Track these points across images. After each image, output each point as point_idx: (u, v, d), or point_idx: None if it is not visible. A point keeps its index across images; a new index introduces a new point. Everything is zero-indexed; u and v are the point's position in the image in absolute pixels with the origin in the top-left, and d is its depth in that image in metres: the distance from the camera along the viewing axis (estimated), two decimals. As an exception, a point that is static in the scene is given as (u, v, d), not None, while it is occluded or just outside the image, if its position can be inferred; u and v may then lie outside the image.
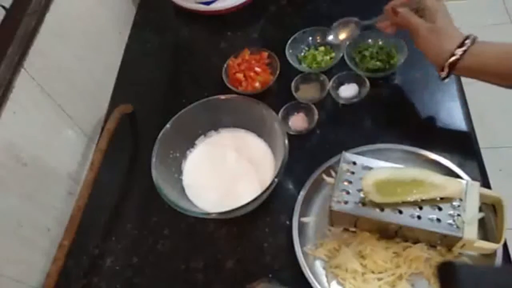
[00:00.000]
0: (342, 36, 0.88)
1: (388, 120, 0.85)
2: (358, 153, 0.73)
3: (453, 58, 0.71)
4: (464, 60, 0.70)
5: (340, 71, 0.89)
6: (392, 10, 0.79)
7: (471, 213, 0.65)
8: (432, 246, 0.69)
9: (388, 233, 0.69)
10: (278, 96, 0.91)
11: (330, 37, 0.89)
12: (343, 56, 0.91)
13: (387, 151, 0.77)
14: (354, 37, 0.89)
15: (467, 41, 0.70)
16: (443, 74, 0.73)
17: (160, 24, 1.15)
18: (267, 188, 0.71)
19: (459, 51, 0.70)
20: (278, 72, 0.92)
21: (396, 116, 0.85)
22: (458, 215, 0.65)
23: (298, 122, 0.87)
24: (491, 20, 1.99)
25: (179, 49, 1.08)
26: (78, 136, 0.91)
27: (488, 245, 0.65)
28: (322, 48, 0.95)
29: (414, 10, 0.77)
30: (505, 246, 0.67)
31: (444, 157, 0.75)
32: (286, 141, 0.73)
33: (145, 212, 0.83)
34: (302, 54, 0.96)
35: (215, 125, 0.85)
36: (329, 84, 0.87)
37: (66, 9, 0.87)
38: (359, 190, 0.68)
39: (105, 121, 0.93)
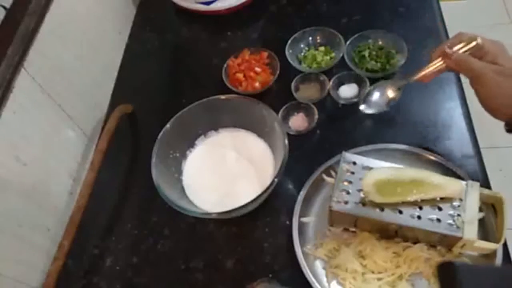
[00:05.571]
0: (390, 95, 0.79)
1: (388, 120, 0.85)
2: (358, 153, 0.73)
3: None
4: None
5: (340, 71, 0.89)
6: (443, 55, 0.68)
7: (471, 213, 0.65)
8: (432, 246, 0.69)
9: (388, 233, 0.69)
10: (278, 96, 0.91)
11: (375, 99, 0.79)
12: (343, 56, 0.91)
13: (387, 151, 0.77)
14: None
15: None
16: None
17: (160, 24, 1.15)
18: (267, 188, 0.71)
19: None
20: (278, 72, 0.92)
21: (396, 116, 0.85)
22: (458, 215, 0.65)
23: (298, 122, 0.87)
24: (491, 20, 1.99)
25: (179, 49, 1.08)
26: (78, 136, 0.91)
27: (488, 245, 0.65)
28: (322, 48, 0.95)
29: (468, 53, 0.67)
30: (505, 246, 0.67)
31: (444, 157, 0.75)
32: (286, 141, 0.73)
33: (145, 212, 0.83)
34: (302, 54, 0.96)
35: (215, 125, 0.85)
36: (329, 84, 0.87)
37: (66, 9, 0.87)
38: (359, 190, 0.68)
39: (105, 121, 0.93)
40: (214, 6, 1.06)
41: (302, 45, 0.97)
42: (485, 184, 0.74)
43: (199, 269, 0.76)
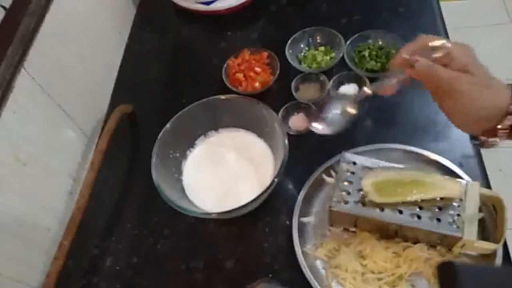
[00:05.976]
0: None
1: (388, 120, 0.85)
2: (358, 153, 0.73)
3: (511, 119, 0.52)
4: None
5: (340, 71, 0.89)
6: (404, 62, 0.58)
7: (471, 213, 0.65)
8: (432, 246, 0.69)
9: (388, 233, 0.69)
10: (278, 96, 0.91)
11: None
12: (343, 56, 0.91)
13: (387, 151, 0.77)
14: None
15: None
16: (497, 140, 0.55)
17: (160, 24, 1.15)
18: (267, 188, 0.71)
19: None
20: (278, 72, 0.92)
21: (396, 116, 0.85)
22: (458, 215, 0.65)
23: (298, 122, 0.87)
24: (491, 20, 1.99)
25: (179, 49, 1.08)
26: (78, 136, 0.91)
27: (488, 245, 0.65)
28: (322, 48, 0.95)
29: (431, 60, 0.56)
30: (505, 246, 0.67)
31: (444, 157, 0.75)
32: (286, 141, 0.73)
33: (145, 212, 0.83)
34: (302, 54, 0.96)
35: (215, 125, 0.85)
36: (329, 84, 0.87)
37: (66, 9, 0.87)
38: (359, 190, 0.68)
39: (105, 121, 0.93)
40: (214, 6, 1.06)
41: (302, 45, 0.97)
42: (485, 184, 0.74)
43: (199, 269, 0.76)
